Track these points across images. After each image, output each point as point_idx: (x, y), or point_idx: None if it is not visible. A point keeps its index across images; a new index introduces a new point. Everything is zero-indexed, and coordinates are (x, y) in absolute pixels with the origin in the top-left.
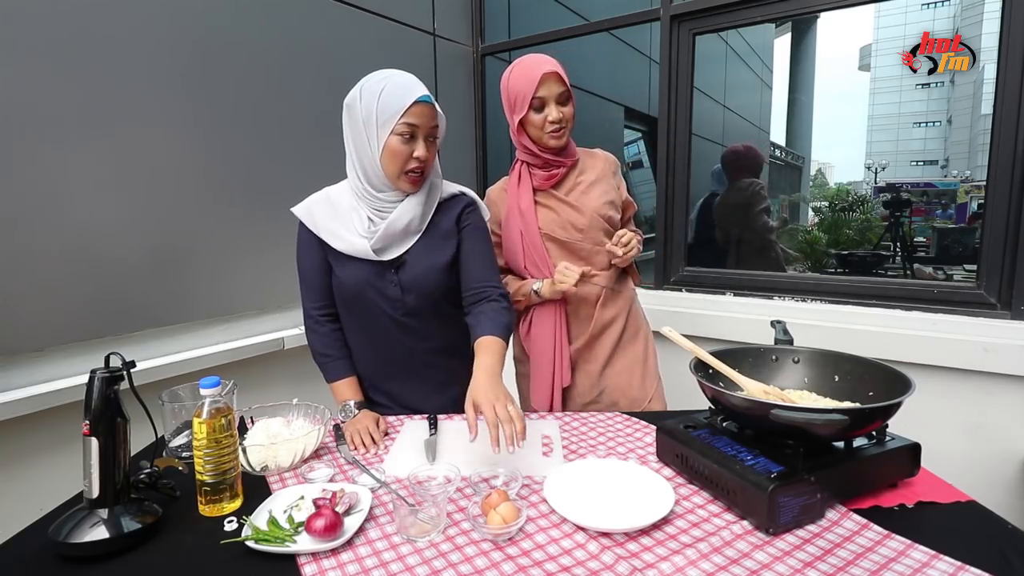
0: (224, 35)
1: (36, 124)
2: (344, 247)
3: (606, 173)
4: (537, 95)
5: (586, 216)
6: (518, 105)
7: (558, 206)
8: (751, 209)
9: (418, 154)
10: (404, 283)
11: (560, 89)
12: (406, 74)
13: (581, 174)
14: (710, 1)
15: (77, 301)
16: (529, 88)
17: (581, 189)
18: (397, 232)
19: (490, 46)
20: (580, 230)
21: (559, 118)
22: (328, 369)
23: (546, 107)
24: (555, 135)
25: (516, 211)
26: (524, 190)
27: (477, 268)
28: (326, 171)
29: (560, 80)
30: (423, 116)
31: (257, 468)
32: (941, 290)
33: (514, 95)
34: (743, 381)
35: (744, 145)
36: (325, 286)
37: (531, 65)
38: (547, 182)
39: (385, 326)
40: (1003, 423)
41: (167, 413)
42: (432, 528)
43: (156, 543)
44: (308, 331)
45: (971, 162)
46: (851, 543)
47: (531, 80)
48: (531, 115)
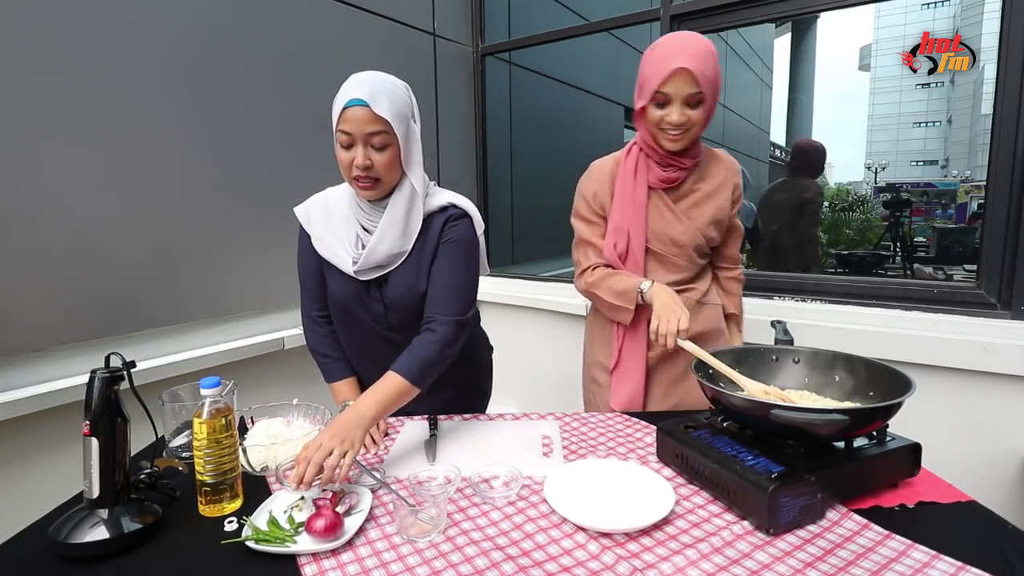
0: (224, 35)
1: (36, 124)
2: (330, 258)
3: (725, 184)
4: (662, 90)
5: (689, 234)
6: (643, 91)
7: (665, 214)
8: (805, 209)
9: (356, 161)
10: (388, 301)
11: (691, 90)
12: (362, 75)
13: (699, 181)
14: (710, 1)
15: (77, 301)
16: (656, 78)
17: (693, 200)
18: (379, 258)
19: (490, 46)
20: (679, 246)
21: (680, 122)
22: (327, 369)
23: (669, 105)
24: (673, 139)
25: (629, 202)
26: (640, 183)
27: (434, 289)
28: (325, 171)
29: (693, 80)
30: (354, 121)
31: (257, 468)
32: (941, 290)
33: (642, 79)
34: (743, 381)
35: (818, 143)
36: (323, 288)
37: (669, 51)
38: (661, 183)
39: (371, 337)
40: (1003, 423)
41: (167, 413)
42: (432, 528)
43: (156, 543)
44: (307, 330)
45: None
46: (851, 543)
47: (661, 71)
48: (651, 109)
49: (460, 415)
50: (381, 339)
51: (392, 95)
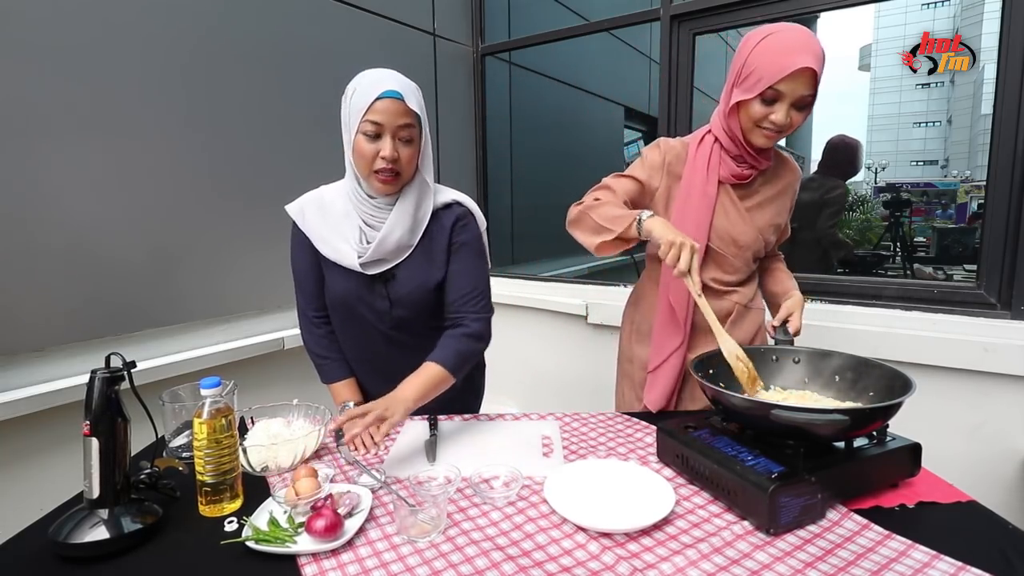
0: (223, 35)
1: (36, 124)
2: (332, 255)
3: (788, 188)
4: (777, 86)
5: (751, 235)
6: (752, 84)
7: (730, 211)
8: (826, 210)
9: (383, 153)
10: (394, 297)
11: (807, 91)
12: (385, 70)
13: (766, 183)
14: (710, 1)
15: (77, 301)
16: (775, 73)
17: (758, 201)
18: (388, 249)
19: (490, 46)
20: (739, 246)
21: (784, 124)
22: (324, 371)
23: (778, 103)
24: (768, 136)
25: (698, 192)
26: (712, 176)
27: (459, 290)
28: (325, 171)
29: (813, 82)
30: (388, 113)
31: (257, 468)
32: (941, 290)
33: (752, 70)
34: (724, 342)
35: (845, 140)
36: (320, 288)
37: (793, 46)
38: (733, 177)
39: (372, 336)
40: (1003, 423)
41: (167, 413)
42: (432, 528)
43: (156, 543)
44: (303, 331)
45: (971, 162)
46: (852, 543)
47: (781, 66)
48: (754, 104)
49: (460, 415)
50: (383, 338)
51: (417, 92)
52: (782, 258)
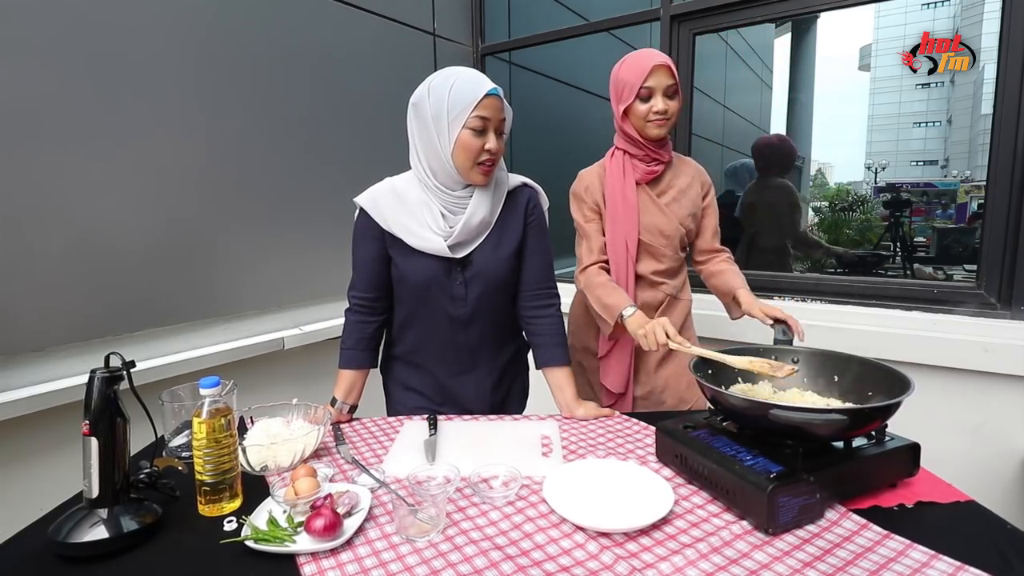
0: (224, 35)
1: (37, 124)
2: (418, 243)
3: (694, 182)
4: (645, 85)
5: (672, 226)
6: (625, 93)
7: (651, 207)
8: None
9: (489, 147)
10: (469, 278)
11: (669, 82)
12: (472, 70)
13: (674, 179)
14: (710, 1)
15: (77, 301)
16: (638, 78)
17: (672, 195)
18: (473, 228)
19: (490, 46)
20: (666, 236)
21: (664, 109)
22: (342, 356)
23: (653, 97)
24: (658, 124)
25: (620, 197)
26: (628, 181)
27: (537, 268)
28: (325, 170)
29: (670, 73)
30: (493, 109)
31: (257, 468)
32: (941, 290)
33: (622, 84)
34: (731, 360)
35: (777, 136)
36: (373, 276)
37: (643, 56)
38: (647, 176)
39: (442, 325)
40: (1003, 423)
41: (167, 413)
42: (431, 528)
43: (156, 543)
44: (345, 313)
45: (971, 162)
46: (850, 543)
47: (642, 70)
48: (636, 104)
49: (459, 415)
50: (451, 327)
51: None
52: (730, 258)
